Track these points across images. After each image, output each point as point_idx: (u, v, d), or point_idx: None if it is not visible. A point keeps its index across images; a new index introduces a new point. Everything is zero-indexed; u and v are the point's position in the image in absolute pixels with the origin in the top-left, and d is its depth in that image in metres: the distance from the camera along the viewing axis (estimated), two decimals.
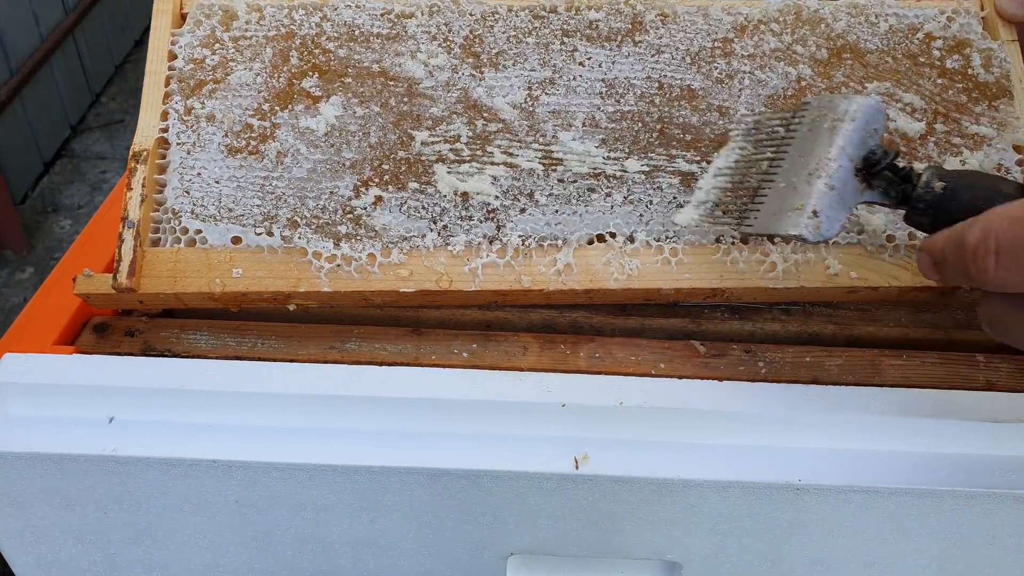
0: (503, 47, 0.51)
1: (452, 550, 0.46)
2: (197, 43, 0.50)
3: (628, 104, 0.50)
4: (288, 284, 0.45)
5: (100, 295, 0.45)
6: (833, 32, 0.52)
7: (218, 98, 0.49)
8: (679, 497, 0.42)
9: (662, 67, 0.50)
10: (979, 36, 0.52)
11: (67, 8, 2.18)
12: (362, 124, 0.48)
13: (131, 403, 0.43)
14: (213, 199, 0.47)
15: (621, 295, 0.46)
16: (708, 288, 0.46)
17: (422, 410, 0.43)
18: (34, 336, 0.46)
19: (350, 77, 0.50)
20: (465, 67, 0.50)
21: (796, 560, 0.45)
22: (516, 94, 0.50)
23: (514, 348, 0.46)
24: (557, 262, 0.46)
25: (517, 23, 0.51)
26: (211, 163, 0.48)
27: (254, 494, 0.43)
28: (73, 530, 0.45)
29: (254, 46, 0.50)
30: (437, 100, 0.49)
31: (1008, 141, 0.50)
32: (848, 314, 0.49)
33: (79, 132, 2.21)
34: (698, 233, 0.47)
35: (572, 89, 0.50)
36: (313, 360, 0.45)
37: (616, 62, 0.50)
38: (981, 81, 0.51)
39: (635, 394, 0.43)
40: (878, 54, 0.52)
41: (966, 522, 0.43)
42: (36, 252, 1.88)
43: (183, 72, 0.49)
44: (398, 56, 0.50)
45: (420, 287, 0.45)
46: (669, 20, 0.52)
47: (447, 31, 0.51)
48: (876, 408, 0.43)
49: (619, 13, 0.51)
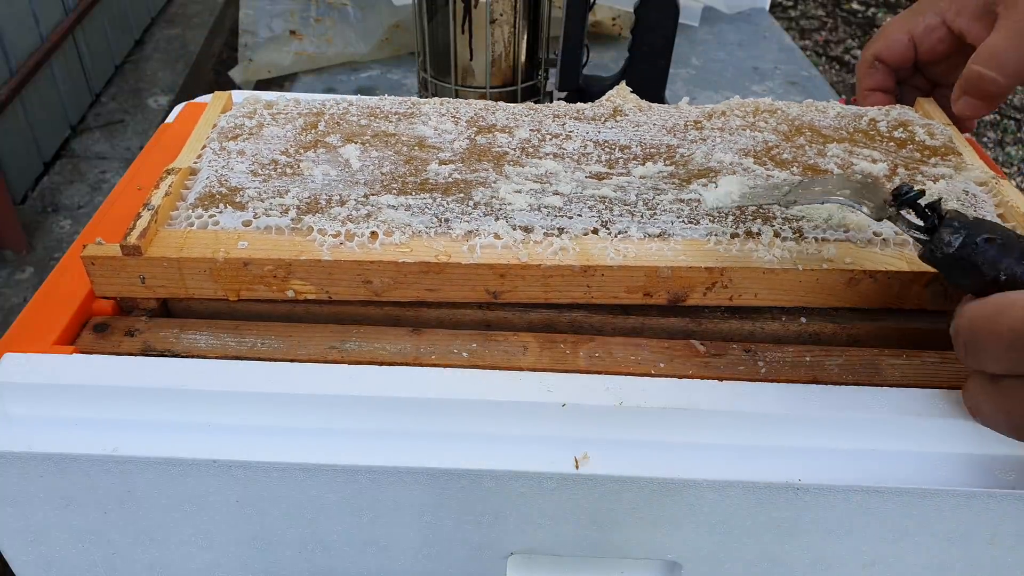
0: (504, 123, 0.59)
1: (452, 550, 0.46)
2: (240, 114, 0.59)
3: (616, 153, 0.56)
4: (290, 254, 0.46)
5: (105, 259, 0.46)
6: (789, 117, 0.61)
7: (250, 142, 0.56)
8: (679, 497, 0.42)
9: (641, 134, 0.58)
10: (917, 117, 0.61)
11: (67, 8, 2.18)
12: (377, 162, 0.54)
13: (131, 403, 0.43)
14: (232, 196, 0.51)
15: (619, 275, 0.46)
16: (705, 269, 0.46)
17: (422, 410, 0.43)
18: (34, 336, 0.46)
19: (368, 135, 0.57)
20: (471, 130, 0.58)
21: (796, 560, 0.45)
22: (517, 143, 0.57)
23: (514, 348, 0.46)
24: (554, 244, 0.47)
25: (514, 110, 0.61)
26: (235, 176, 0.52)
27: (254, 494, 0.43)
28: (73, 530, 0.45)
29: (288, 116, 0.59)
30: (444, 148, 0.56)
31: (967, 179, 0.54)
32: (848, 314, 0.49)
33: (79, 132, 2.21)
34: (701, 227, 0.49)
35: (568, 137, 0.58)
36: (313, 360, 0.45)
37: (601, 131, 0.59)
38: (928, 145, 0.58)
39: (635, 394, 0.43)
40: (832, 129, 0.59)
41: (966, 522, 0.43)
42: (36, 252, 1.88)
43: (223, 130, 0.57)
44: (411, 124, 0.58)
45: (419, 259, 0.46)
46: (645, 109, 0.61)
47: (455, 110, 0.60)
48: (876, 408, 0.43)
49: (601, 105, 0.61)
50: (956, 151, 0.57)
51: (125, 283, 0.47)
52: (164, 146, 0.61)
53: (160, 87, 2.44)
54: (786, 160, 0.55)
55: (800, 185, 0.47)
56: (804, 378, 0.45)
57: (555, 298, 0.48)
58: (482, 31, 0.84)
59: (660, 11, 0.86)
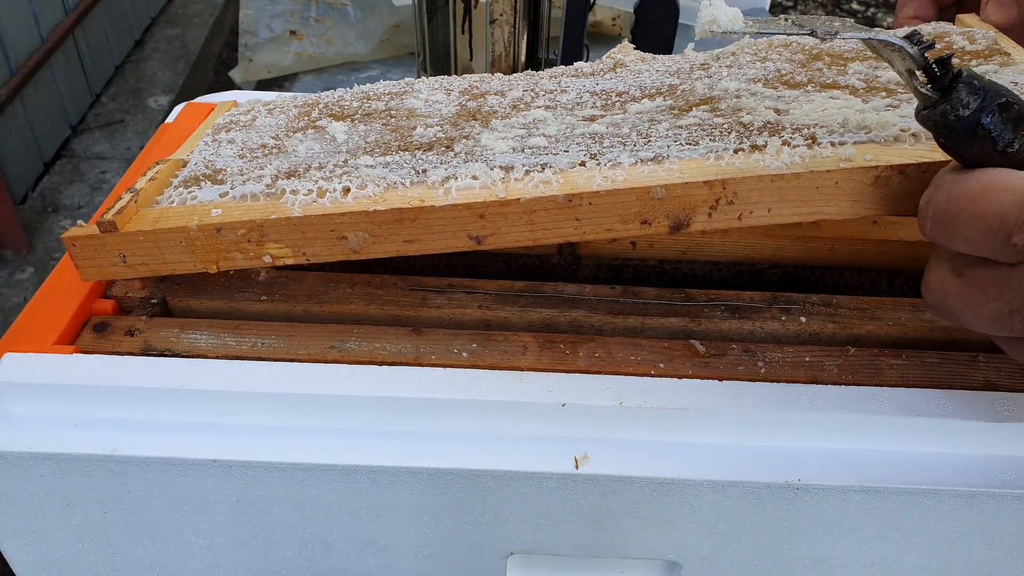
0: (498, 88, 0.56)
1: (452, 550, 0.46)
2: (237, 112, 0.59)
3: (613, 98, 0.52)
4: (262, 215, 0.45)
5: (85, 239, 0.46)
6: (806, 47, 0.55)
7: (242, 132, 0.56)
8: (679, 497, 0.42)
9: (643, 80, 0.54)
10: (955, 28, 0.54)
11: (67, 8, 2.18)
12: (363, 134, 0.53)
13: (131, 403, 0.43)
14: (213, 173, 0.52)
15: (609, 202, 0.42)
16: (704, 183, 0.41)
17: (422, 410, 0.43)
18: (34, 336, 0.46)
19: (359, 115, 0.55)
20: (463, 98, 0.55)
21: (796, 560, 0.45)
22: (508, 102, 0.53)
23: (514, 348, 0.46)
24: (535, 178, 0.43)
25: (510, 78, 0.58)
26: (221, 160, 0.52)
27: (254, 494, 0.43)
28: (73, 530, 0.45)
29: (283, 108, 0.58)
30: (433, 115, 0.53)
31: (1015, 72, 0.48)
32: (848, 313, 0.49)
33: (79, 132, 2.21)
34: (700, 147, 0.44)
35: (563, 91, 0.54)
36: (313, 360, 0.45)
37: (599, 83, 0.54)
38: (969, 50, 0.51)
39: (635, 394, 0.43)
40: (855, 52, 0.53)
41: (966, 522, 0.43)
42: (36, 252, 1.88)
43: (218, 126, 0.58)
44: (403, 100, 0.56)
45: (392, 206, 0.43)
46: (648, 60, 0.56)
47: (448, 84, 0.58)
48: (876, 408, 0.43)
49: (601, 62, 0.57)
50: (1002, 51, 0.50)
51: (107, 263, 0.47)
52: (164, 146, 0.61)
53: (160, 87, 2.44)
54: (800, 82, 0.50)
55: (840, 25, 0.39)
56: (804, 378, 0.45)
57: (543, 238, 0.43)
58: (482, 31, 0.84)
59: (660, 11, 0.86)
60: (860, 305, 0.49)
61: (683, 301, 0.49)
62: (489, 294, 0.49)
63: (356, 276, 0.50)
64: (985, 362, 0.46)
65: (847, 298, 0.49)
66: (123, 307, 0.49)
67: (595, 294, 0.49)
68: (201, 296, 0.49)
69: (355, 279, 0.50)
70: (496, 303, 0.49)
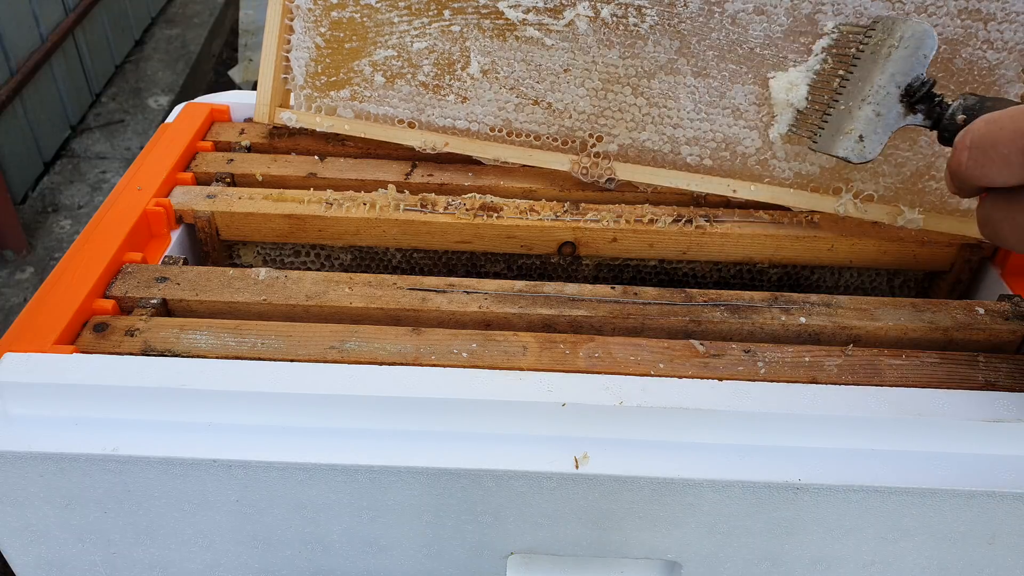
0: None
1: (452, 550, 0.46)
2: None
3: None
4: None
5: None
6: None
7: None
8: (679, 497, 0.42)
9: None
10: None
11: (67, 8, 2.18)
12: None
13: (131, 403, 0.43)
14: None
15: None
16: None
17: (422, 410, 0.43)
18: (34, 336, 0.46)
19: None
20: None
21: (796, 560, 0.45)
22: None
23: (514, 348, 0.46)
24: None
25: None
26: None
27: (254, 494, 0.43)
28: (73, 529, 0.45)
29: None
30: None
31: None
32: (848, 313, 0.49)
33: (79, 132, 2.21)
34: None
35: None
36: (313, 360, 0.45)
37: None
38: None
39: (635, 394, 0.43)
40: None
41: (966, 522, 0.43)
42: (36, 252, 1.88)
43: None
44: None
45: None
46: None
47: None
48: (875, 408, 0.43)
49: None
50: None
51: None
52: (164, 146, 0.61)
53: (160, 87, 2.44)
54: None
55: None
56: (803, 378, 0.45)
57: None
58: None
59: None
60: (860, 305, 0.49)
61: (683, 301, 0.49)
62: (489, 294, 0.49)
63: (356, 276, 0.50)
64: (985, 362, 0.46)
65: (847, 298, 0.49)
66: (123, 307, 0.49)
67: (595, 294, 0.49)
68: (201, 296, 0.49)
69: (355, 279, 0.50)
70: (496, 303, 0.49)
